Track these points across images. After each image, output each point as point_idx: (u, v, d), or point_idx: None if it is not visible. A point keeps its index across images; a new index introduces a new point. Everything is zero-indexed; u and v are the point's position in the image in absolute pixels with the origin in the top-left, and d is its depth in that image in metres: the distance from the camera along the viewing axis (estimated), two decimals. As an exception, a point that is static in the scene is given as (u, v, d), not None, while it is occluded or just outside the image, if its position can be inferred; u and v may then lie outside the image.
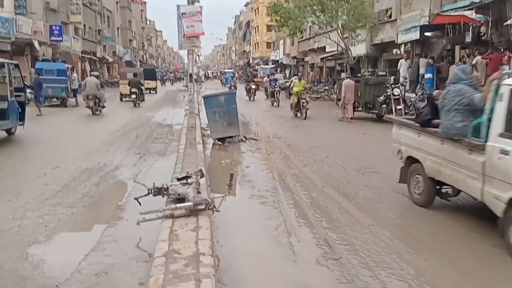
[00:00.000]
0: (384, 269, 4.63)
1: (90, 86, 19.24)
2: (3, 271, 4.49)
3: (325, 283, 4.41)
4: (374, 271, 4.57)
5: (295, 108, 19.11)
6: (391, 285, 4.31)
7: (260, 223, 6.09)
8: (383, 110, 17.02)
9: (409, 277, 4.46)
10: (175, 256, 4.08)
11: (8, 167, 9.15)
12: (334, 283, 4.36)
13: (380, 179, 8.34)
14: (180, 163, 8.62)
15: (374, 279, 4.41)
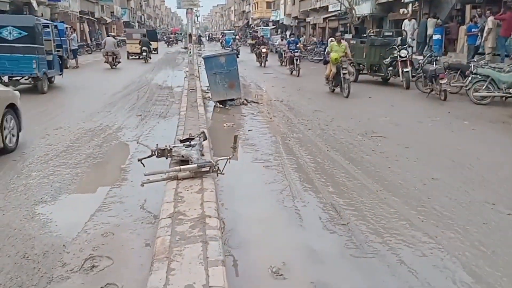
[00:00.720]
0: (394, 235, 4.56)
1: (109, 45, 23.32)
2: (11, 230, 4.47)
3: (333, 248, 4.34)
4: (384, 238, 4.50)
5: (333, 82, 14.86)
6: (402, 252, 4.22)
7: (264, 187, 6.03)
8: (389, 73, 16.80)
9: (421, 244, 4.38)
10: (180, 218, 4.06)
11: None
12: (342, 249, 4.29)
13: (386, 144, 8.27)
14: (182, 125, 8.56)
15: (384, 246, 4.34)
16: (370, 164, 7.00)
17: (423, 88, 14.55)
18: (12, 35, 13.65)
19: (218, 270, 3.11)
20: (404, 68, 15.93)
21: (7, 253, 3.99)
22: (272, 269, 3.79)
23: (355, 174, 6.50)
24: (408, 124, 10.21)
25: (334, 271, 3.92)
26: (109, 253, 4.02)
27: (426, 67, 14.41)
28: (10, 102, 7.35)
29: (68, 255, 3.99)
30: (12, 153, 7.10)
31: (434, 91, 13.72)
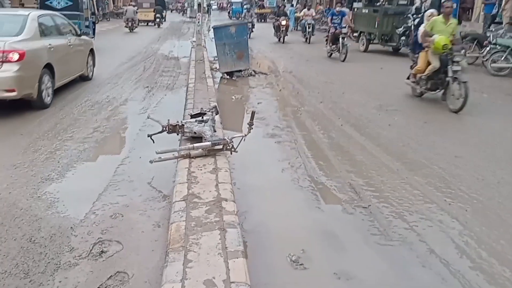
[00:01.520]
0: (420, 220, 4.31)
1: (129, 12, 28.48)
2: (17, 209, 4.26)
3: (355, 234, 4.08)
4: (409, 223, 4.25)
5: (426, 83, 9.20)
6: (431, 239, 3.96)
7: (278, 165, 5.77)
8: (402, 43, 16.37)
9: (450, 230, 4.13)
10: (195, 201, 3.83)
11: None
12: (366, 235, 4.04)
13: (403, 118, 8.00)
14: (191, 98, 8.29)
15: (410, 232, 4.09)
16: (387, 140, 6.74)
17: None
18: (60, 4, 16.61)
19: (239, 263, 2.89)
20: None
21: (14, 236, 3.78)
22: (291, 258, 3.56)
23: (373, 151, 6.24)
24: (424, 96, 9.86)
25: (358, 260, 3.67)
26: (119, 237, 3.81)
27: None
28: (91, 48, 11.35)
29: (76, 238, 3.78)
30: (19, 128, 6.85)
31: None
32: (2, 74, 7.19)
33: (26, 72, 7.49)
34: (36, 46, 8.01)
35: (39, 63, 8.02)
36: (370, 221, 4.30)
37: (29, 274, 3.30)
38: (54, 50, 8.58)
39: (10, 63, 7.28)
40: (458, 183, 5.18)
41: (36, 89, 7.77)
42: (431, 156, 6.10)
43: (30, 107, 7.87)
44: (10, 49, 7.30)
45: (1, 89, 7.25)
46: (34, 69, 7.82)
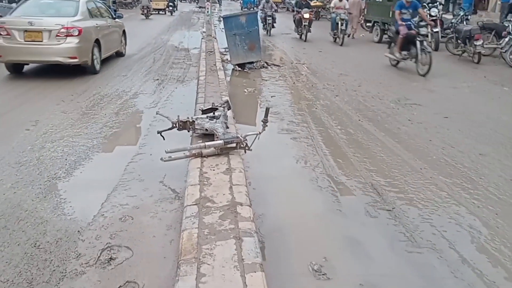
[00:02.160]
0: (448, 224, 4.05)
1: (145, 1, 30.83)
2: (22, 211, 4.05)
3: (380, 240, 3.81)
4: (437, 228, 3.98)
5: None
6: (462, 246, 3.70)
7: (294, 163, 5.52)
8: None
9: (481, 236, 3.86)
10: (208, 206, 3.58)
11: (24, 93, 8.59)
12: (392, 241, 3.78)
13: (423, 113, 7.70)
14: (202, 92, 8.03)
15: (439, 238, 3.82)
16: (408, 137, 6.46)
17: (454, 50, 13.78)
18: None
19: (257, 278, 2.64)
20: (434, 28, 15.05)
21: (17, 241, 3.57)
22: (313, 267, 3.31)
23: (394, 148, 5.97)
24: (442, 90, 9.57)
25: (385, 270, 3.41)
26: (128, 242, 3.58)
27: (460, 27, 13.61)
28: (123, 29, 13.59)
29: (83, 243, 3.56)
30: (25, 122, 6.64)
31: (466, 53, 13.00)
32: (67, 45, 9.59)
33: (83, 44, 9.84)
34: (88, 24, 10.33)
35: (91, 38, 10.35)
36: (395, 225, 4.05)
37: (33, 283, 3.09)
38: (99, 29, 10.96)
39: (72, 37, 9.62)
40: (485, 184, 4.91)
41: (90, 58, 10.17)
42: (454, 153, 5.82)
43: (85, 72, 10.23)
44: (71, 26, 9.64)
45: (66, 57, 9.63)
46: (88, 42, 10.14)
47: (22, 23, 9.55)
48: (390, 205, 4.40)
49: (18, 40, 9.51)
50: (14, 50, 9.57)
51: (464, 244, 3.74)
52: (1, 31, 9.53)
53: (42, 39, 9.53)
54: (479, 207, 4.36)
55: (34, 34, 9.51)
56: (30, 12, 10.05)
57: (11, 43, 9.50)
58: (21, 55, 9.72)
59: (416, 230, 3.95)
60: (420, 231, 3.94)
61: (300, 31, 18.86)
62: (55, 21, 9.66)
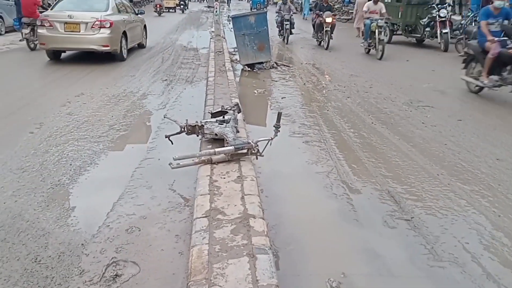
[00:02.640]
0: (470, 236, 3.83)
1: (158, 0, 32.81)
2: (23, 222, 3.87)
3: (401, 253, 3.59)
4: (459, 239, 3.77)
5: None
6: (485, 259, 3.49)
7: (307, 168, 5.32)
8: (426, 34, 15.71)
9: (504, 248, 3.64)
10: (219, 218, 3.37)
11: (30, 93, 8.44)
12: (413, 254, 3.56)
13: (437, 115, 7.47)
14: (211, 93, 7.83)
15: (462, 250, 3.60)
16: (423, 140, 6.24)
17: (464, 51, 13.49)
18: None
19: (274, 302, 2.44)
20: (443, 29, 14.83)
21: (17, 255, 3.39)
22: (331, 284, 3.10)
23: (409, 153, 5.75)
24: (454, 91, 9.32)
25: (407, 286, 3.21)
26: (135, 257, 3.39)
27: (470, 29, 13.29)
28: (144, 24, 15.30)
29: (87, 258, 3.37)
30: (29, 125, 6.49)
31: None
32: (100, 35, 11.39)
33: (114, 35, 11.69)
34: (117, 18, 12.19)
35: (120, 30, 12.16)
36: (415, 236, 3.83)
37: (33, 302, 2.90)
38: (126, 22, 12.86)
39: (105, 28, 11.42)
40: (505, 191, 4.69)
41: (119, 46, 12.02)
42: (471, 158, 5.60)
43: (113, 59, 12.07)
44: (104, 19, 11.47)
45: (100, 45, 11.42)
46: (118, 33, 11.98)
47: (63, 16, 11.35)
48: (408, 214, 4.19)
49: (59, 30, 11.30)
50: (56, 39, 11.34)
51: (488, 258, 3.53)
52: (45, 23, 11.35)
53: (80, 30, 11.35)
54: (500, 216, 4.14)
55: (73, 26, 11.32)
56: (68, 7, 11.79)
57: (53, 33, 11.30)
58: (62, 44, 11.54)
59: (437, 241, 3.74)
60: (441, 243, 3.73)
61: (320, 37, 16.45)
62: (91, 15, 11.41)
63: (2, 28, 18.03)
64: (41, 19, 11.66)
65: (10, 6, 17.80)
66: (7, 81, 9.67)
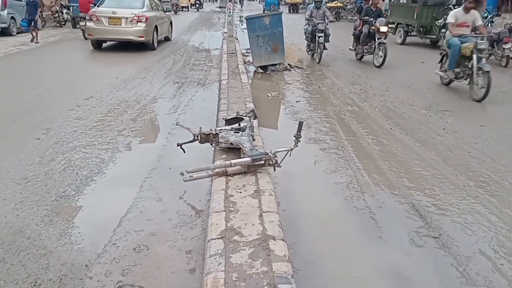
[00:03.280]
0: (505, 257, 3.53)
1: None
2: (24, 239, 3.62)
3: (431, 277, 3.29)
4: (492, 260, 3.47)
5: None
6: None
7: (325, 178, 5.03)
8: (442, 35, 15.32)
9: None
10: (235, 240, 3.09)
11: (37, 96, 8.24)
12: (444, 277, 3.26)
13: (457, 121, 7.17)
14: (224, 97, 7.57)
15: (496, 273, 3.30)
16: (445, 148, 5.94)
17: None
18: None
19: None
20: None
21: (15, 278, 3.14)
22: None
23: (431, 162, 5.45)
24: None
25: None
26: (143, 280, 3.13)
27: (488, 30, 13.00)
28: (171, 20, 17.74)
29: (91, 282, 3.11)
30: (36, 130, 6.28)
31: (493, 56, 12.41)
32: (138, 28, 13.92)
33: (148, 28, 14.22)
34: (151, 14, 14.70)
35: (153, 24, 14.67)
36: (445, 256, 3.54)
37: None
38: (157, 18, 15.38)
39: (141, 22, 13.93)
40: (541, 205, 4.36)
41: (151, 38, 14.53)
42: (497, 167, 5.30)
43: (146, 48, 14.52)
44: (141, 15, 13.99)
45: (137, 36, 13.94)
46: (151, 27, 14.49)
47: (107, 12, 13.96)
48: (436, 231, 3.90)
49: (104, 24, 13.84)
50: (101, 31, 13.92)
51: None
52: (93, 17, 13.90)
53: (121, 23, 13.89)
54: (537, 236, 3.83)
55: (116, 20, 13.87)
56: (111, 5, 14.36)
57: (99, 26, 13.87)
58: (106, 34, 14.10)
59: (469, 263, 3.45)
60: (473, 264, 3.44)
61: (366, 50, 12.66)
62: (130, 11, 13.95)
63: (14, 29, 18.00)
64: (90, 14, 14.15)
65: (22, 7, 17.84)
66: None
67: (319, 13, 12.99)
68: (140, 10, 14.15)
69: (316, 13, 13.01)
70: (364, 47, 12.67)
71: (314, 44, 13.04)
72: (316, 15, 12.97)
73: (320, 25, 12.42)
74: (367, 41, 12.53)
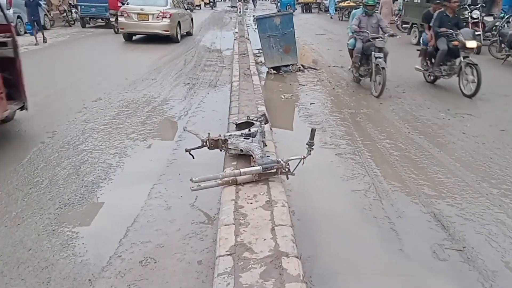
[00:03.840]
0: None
1: None
2: (24, 250, 3.46)
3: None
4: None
5: None
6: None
7: (342, 185, 4.81)
8: None
9: None
10: (246, 257, 2.87)
11: (45, 98, 8.11)
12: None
13: (477, 124, 6.90)
14: (235, 100, 7.37)
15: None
16: (466, 153, 5.69)
17: (498, 54, 12.87)
18: None
19: None
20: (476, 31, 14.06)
21: (13, 294, 2.96)
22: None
23: (452, 168, 5.22)
24: (492, 97, 8.66)
25: None
26: (149, 298, 2.93)
27: (505, 31, 12.73)
28: (191, 17, 19.71)
29: (94, 299, 2.93)
30: (41, 134, 6.15)
31: (511, 57, 12.08)
32: (163, 23, 16.01)
33: (172, 23, 16.31)
34: (174, 11, 16.82)
35: (176, 20, 16.80)
36: (470, 271, 3.32)
37: None
38: (180, 15, 17.50)
39: (166, 18, 16.05)
40: None
41: (175, 32, 16.65)
42: (523, 175, 5.03)
43: (171, 41, 16.64)
44: (165, 11, 16.07)
45: (162, 30, 16.05)
46: (174, 22, 16.59)
47: (136, 9, 16.13)
48: (459, 243, 3.67)
49: (133, 19, 16.16)
50: (131, 25, 16.28)
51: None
52: (124, 13, 16.22)
53: (149, 19, 16.14)
54: None
55: (143, 16, 16.13)
56: (139, 3, 16.50)
57: (129, 21, 16.20)
58: (135, 28, 16.45)
59: (496, 278, 3.23)
60: (501, 279, 3.22)
61: (443, 72, 9.33)
62: (156, 8, 16.11)
63: (22, 28, 17.96)
64: (121, 11, 16.58)
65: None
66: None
67: (371, 22, 9.22)
68: (164, 8, 16.30)
69: (367, 23, 9.20)
70: (442, 68, 9.34)
71: (366, 68, 9.40)
72: (367, 25, 9.19)
73: (378, 42, 8.77)
74: (443, 61, 9.28)
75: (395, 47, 16.31)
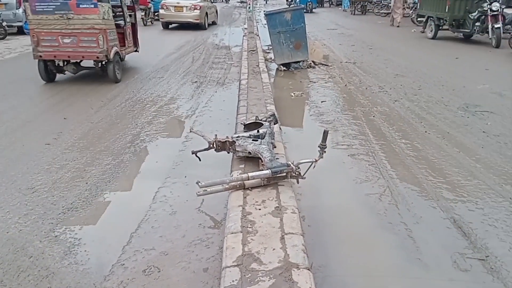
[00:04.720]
0: None
1: None
2: (25, 258, 3.31)
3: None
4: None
5: None
6: None
7: (355, 189, 4.60)
8: (476, 29, 14.64)
9: None
10: (253, 268, 2.68)
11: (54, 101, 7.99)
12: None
13: (498, 123, 6.63)
14: (244, 99, 7.18)
15: None
16: (487, 154, 5.44)
17: None
18: None
19: None
20: (495, 24, 13.77)
21: (12, 305, 2.80)
22: None
23: (472, 170, 4.98)
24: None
25: None
26: (152, 311, 2.76)
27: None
28: (216, 9, 24.31)
29: (95, 312, 2.76)
30: (47, 135, 6.01)
31: None
32: (194, 13, 19.99)
33: (201, 13, 20.20)
34: (203, 4, 20.56)
35: (204, 11, 20.52)
36: (494, 282, 3.11)
37: None
38: (207, 7, 21.08)
39: (196, 10, 19.96)
40: None
41: (204, 21, 20.33)
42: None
43: (200, 28, 20.32)
44: (196, 4, 20.00)
45: (194, 19, 19.97)
46: (203, 13, 20.35)
47: (173, 2, 19.99)
48: (482, 252, 3.45)
49: (171, 10, 20.14)
50: (169, 15, 20.27)
51: None
52: (164, 6, 20.05)
53: (183, 10, 19.97)
54: None
55: (179, 8, 19.99)
56: None
57: (168, 12, 20.18)
58: (172, 18, 20.41)
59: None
60: (530, 293, 2.98)
61: None
62: (189, 2, 19.93)
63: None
64: (162, 4, 20.30)
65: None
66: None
67: None
68: (195, 1, 20.12)
69: None
70: None
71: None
72: None
73: None
74: None
75: (411, 40, 16.12)
